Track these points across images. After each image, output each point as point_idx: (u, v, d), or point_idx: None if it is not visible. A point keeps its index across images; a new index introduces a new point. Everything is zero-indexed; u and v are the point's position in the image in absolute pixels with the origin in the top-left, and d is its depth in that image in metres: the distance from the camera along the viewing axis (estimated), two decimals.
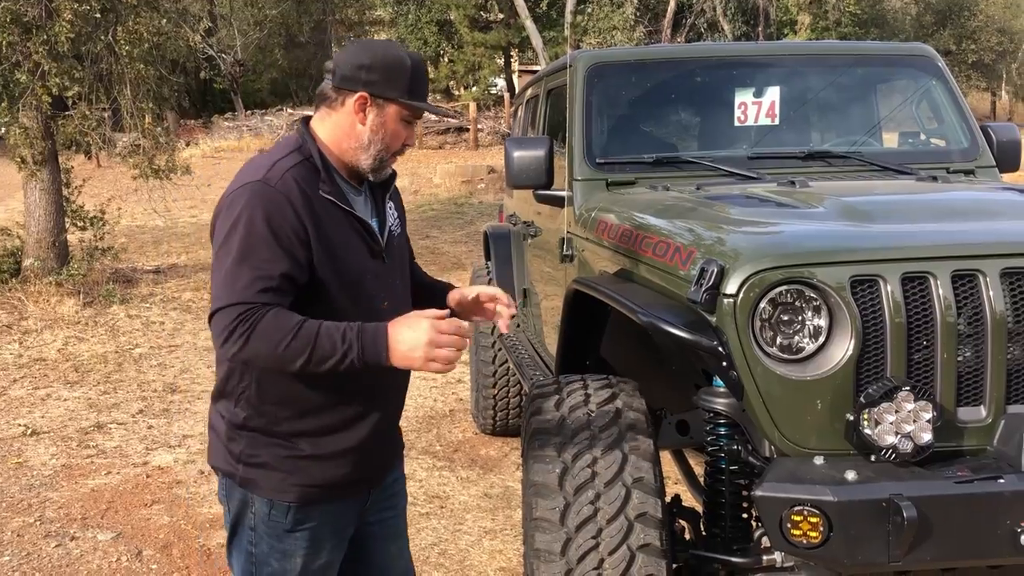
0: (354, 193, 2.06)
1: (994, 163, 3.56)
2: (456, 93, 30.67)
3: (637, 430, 2.36)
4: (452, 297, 2.32)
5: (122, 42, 8.99)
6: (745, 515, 2.57)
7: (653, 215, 2.85)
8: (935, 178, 3.17)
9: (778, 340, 2.19)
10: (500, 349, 5.06)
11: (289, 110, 27.89)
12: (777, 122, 3.72)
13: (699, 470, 3.89)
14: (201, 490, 4.65)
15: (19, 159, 9.02)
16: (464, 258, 11.51)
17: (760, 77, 3.76)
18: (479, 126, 23.70)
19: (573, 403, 2.44)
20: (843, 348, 2.14)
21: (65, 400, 6.28)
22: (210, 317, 1.88)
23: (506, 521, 4.21)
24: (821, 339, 2.17)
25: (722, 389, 2.49)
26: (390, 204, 2.18)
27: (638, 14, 27.18)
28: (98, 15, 8.66)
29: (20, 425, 5.74)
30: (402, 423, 5.87)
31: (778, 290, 2.16)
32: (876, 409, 2.04)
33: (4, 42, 8.69)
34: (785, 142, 3.76)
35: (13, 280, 9.76)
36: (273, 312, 1.84)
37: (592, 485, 2.25)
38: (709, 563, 2.47)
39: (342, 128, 2.02)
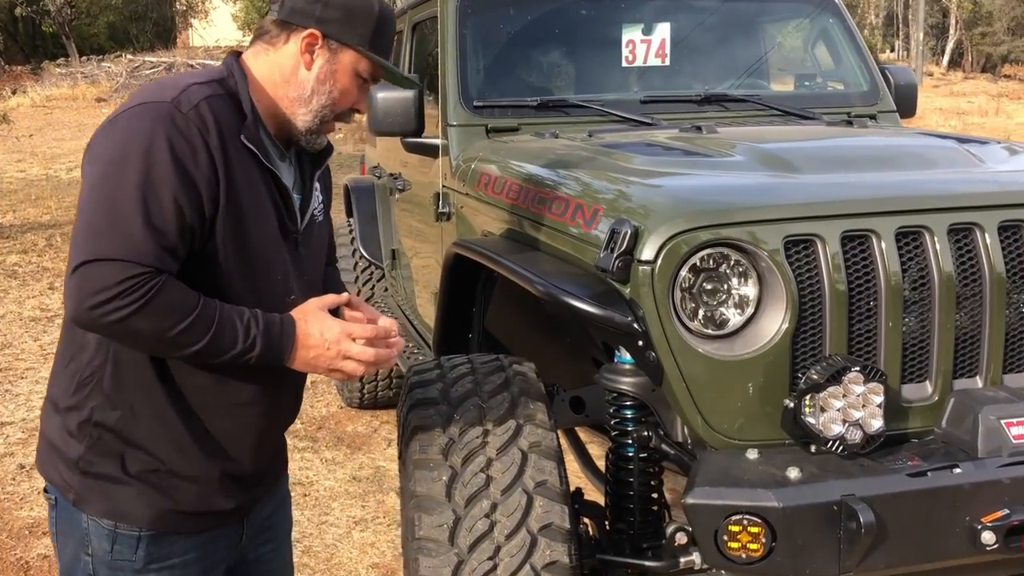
0: (279, 156, 1.66)
1: (895, 108, 3.35)
2: None
3: (537, 423, 1.99)
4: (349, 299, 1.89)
5: None
6: (655, 507, 2.26)
7: (545, 166, 2.46)
8: (850, 123, 2.92)
9: (700, 313, 1.85)
10: None
11: (129, 56, 25.93)
12: (667, 63, 3.39)
13: (594, 448, 3.60)
14: (20, 489, 4.02)
15: None
16: None
17: (648, 12, 3.41)
18: None
19: (460, 392, 2.04)
20: (776, 321, 1.83)
21: None
22: (77, 266, 1.42)
23: (378, 508, 3.80)
24: (750, 310, 1.86)
25: (628, 366, 2.14)
26: (317, 184, 1.78)
27: None
28: None
29: None
30: None
31: (701, 254, 1.82)
32: (821, 394, 1.74)
33: None
34: (677, 85, 3.43)
35: None
36: (171, 283, 1.45)
37: (486, 494, 1.87)
38: (618, 568, 2.15)
39: (281, 71, 1.63)
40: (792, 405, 1.77)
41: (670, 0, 3.46)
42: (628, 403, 2.19)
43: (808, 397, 1.75)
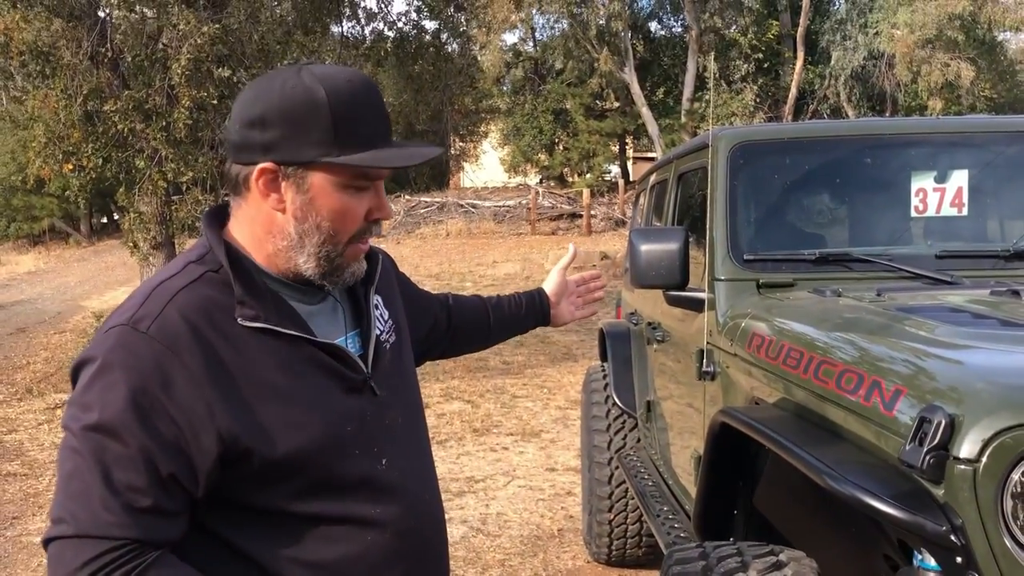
0: (309, 301, 1.37)
1: None
2: (570, 180, 30.53)
3: None
4: (554, 293, 2.05)
5: None
6: None
7: (829, 331, 2.21)
8: None
9: None
10: (617, 468, 4.40)
11: (407, 196, 28.25)
12: (965, 213, 3.04)
13: None
14: None
15: (131, 244, 9.03)
16: (575, 348, 10.91)
17: (943, 158, 3.10)
18: (592, 212, 23.35)
19: None
20: None
21: None
22: (45, 544, 1.18)
23: None
24: None
25: (933, 574, 1.80)
26: (376, 300, 1.47)
27: (758, 100, 26.63)
28: (215, 102, 8.67)
29: None
30: (505, 543, 5.20)
31: None
32: None
33: (126, 129, 8.80)
34: (976, 237, 3.07)
35: None
36: (160, 564, 1.16)
37: None
38: None
39: (259, 222, 1.32)
40: None
41: (967, 146, 3.14)
42: None
43: None
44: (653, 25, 30.24)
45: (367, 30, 12.97)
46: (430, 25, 13.44)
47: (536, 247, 20.59)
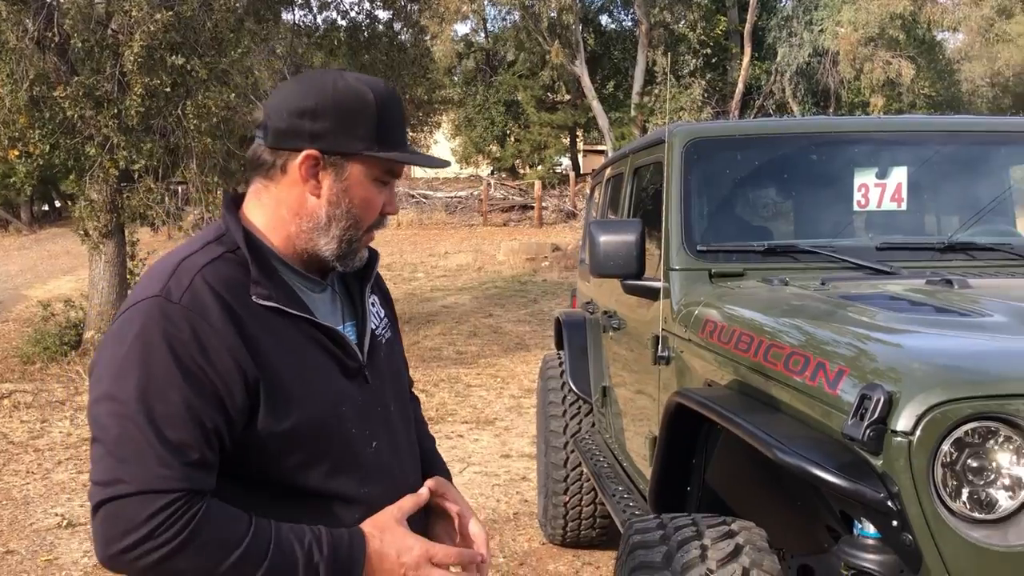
0: (312, 289, 1.48)
1: None
2: (522, 172, 30.67)
3: None
4: (432, 489, 1.58)
5: (190, 116, 8.91)
6: None
7: (777, 317, 2.36)
8: None
9: (965, 493, 1.67)
10: (573, 451, 4.54)
11: None
12: (904, 207, 3.23)
13: None
14: None
15: (82, 231, 8.92)
16: (528, 338, 11.06)
17: (885, 156, 3.28)
18: (543, 204, 23.52)
19: (686, 560, 1.93)
20: None
21: None
22: (96, 507, 1.26)
23: None
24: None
25: (872, 541, 1.95)
26: (373, 299, 1.59)
27: (706, 95, 27.03)
28: (168, 89, 8.59)
29: (57, 515, 5.37)
30: None
31: (966, 428, 1.65)
32: None
33: (76, 116, 8.67)
34: (914, 230, 3.26)
35: (73, 353, 9.62)
36: (213, 508, 1.27)
37: None
38: None
39: (287, 205, 1.42)
40: None
41: (907, 144, 3.32)
42: None
43: None
44: (604, 19, 30.51)
45: (319, 19, 12.91)
46: (383, 15, 13.39)
47: (488, 238, 20.71)
